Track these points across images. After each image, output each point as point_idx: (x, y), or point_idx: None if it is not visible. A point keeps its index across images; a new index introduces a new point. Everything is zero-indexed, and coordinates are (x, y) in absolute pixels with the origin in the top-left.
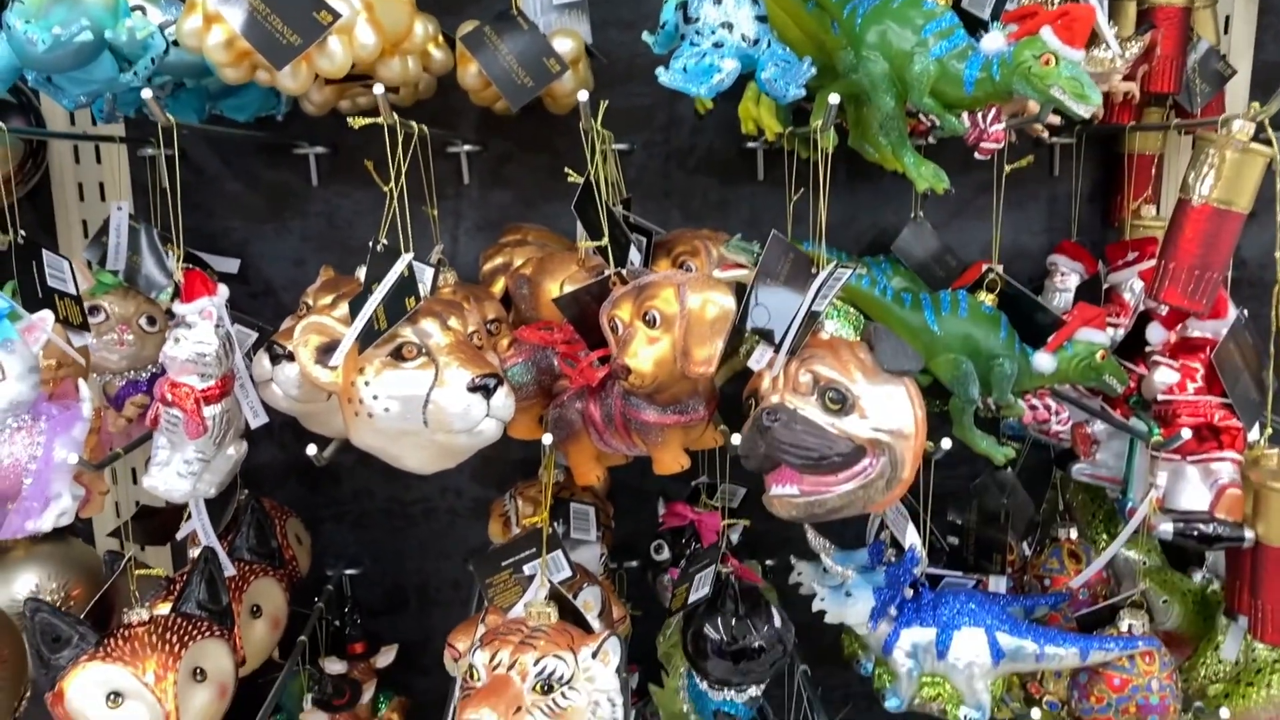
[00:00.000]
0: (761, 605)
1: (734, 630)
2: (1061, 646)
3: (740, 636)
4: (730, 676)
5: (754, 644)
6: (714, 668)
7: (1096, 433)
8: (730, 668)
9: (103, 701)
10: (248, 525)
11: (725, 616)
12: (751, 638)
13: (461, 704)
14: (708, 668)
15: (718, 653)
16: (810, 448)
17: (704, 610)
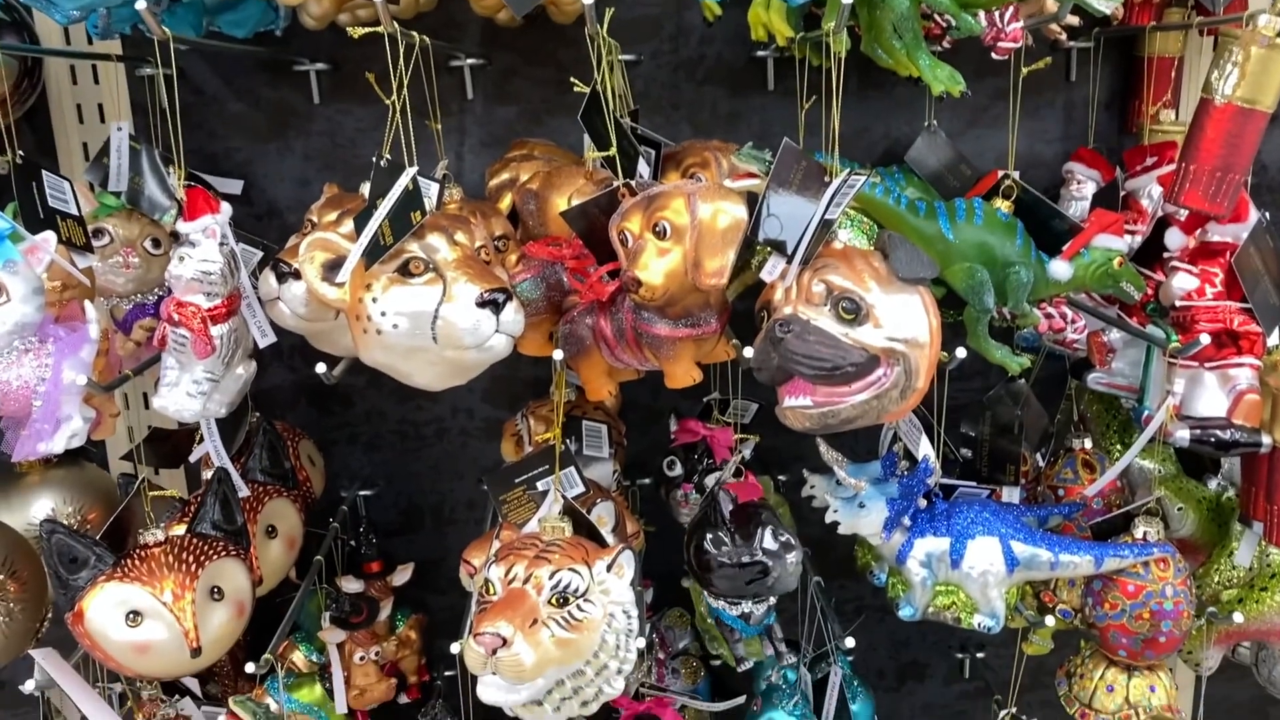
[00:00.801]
0: (755, 524)
1: (720, 546)
2: (1076, 554)
3: (722, 552)
4: (724, 592)
5: (738, 560)
6: (706, 582)
7: (1112, 341)
8: (724, 584)
9: (122, 620)
10: (260, 447)
11: (712, 532)
12: (735, 554)
13: (477, 618)
14: (703, 582)
15: (705, 568)
16: (823, 358)
17: (695, 525)
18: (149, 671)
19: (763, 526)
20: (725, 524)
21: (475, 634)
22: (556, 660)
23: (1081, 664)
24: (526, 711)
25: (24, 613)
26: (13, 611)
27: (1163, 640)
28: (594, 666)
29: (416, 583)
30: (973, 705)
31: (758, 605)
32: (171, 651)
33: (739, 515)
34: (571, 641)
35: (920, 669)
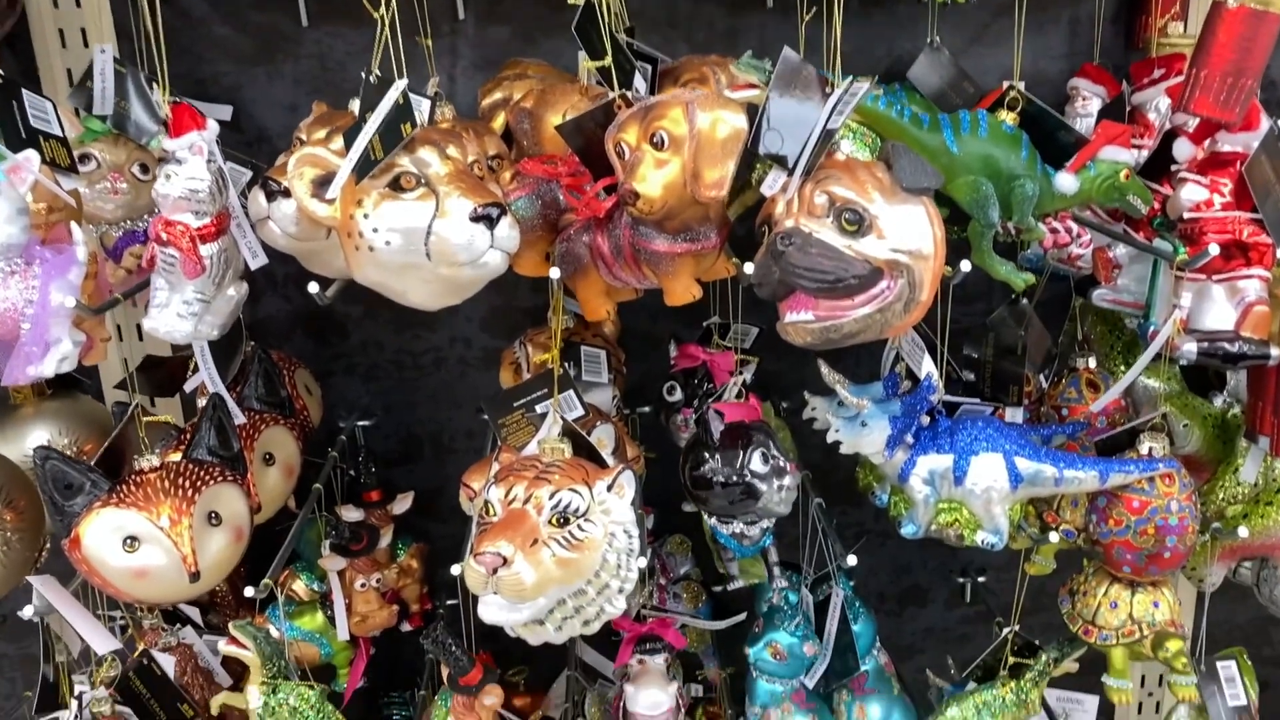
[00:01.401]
0: (743, 444)
1: (707, 466)
2: (1080, 470)
3: (710, 471)
4: (714, 511)
5: (725, 480)
6: (699, 500)
7: (1118, 257)
8: (714, 503)
9: (119, 546)
10: (255, 375)
11: (702, 453)
12: (723, 474)
13: (478, 538)
14: (696, 500)
15: (696, 487)
16: (826, 271)
17: (688, 445)
18: (148, 597)
19: (752, 448)
20: (714, 444)
21: (475, 554)
22: (557, 580)
23: (1084, 581)
24: (528, 631)
25: (22, 542)
26: (10, 541)
27: (1167, 556)
28: (595, 586)
29: (417, 512)
30: (974, 629)
31: (750, 526)
32: (170, 576)
33: (730, 436)
34: (572, 561)
35: (921, 593)
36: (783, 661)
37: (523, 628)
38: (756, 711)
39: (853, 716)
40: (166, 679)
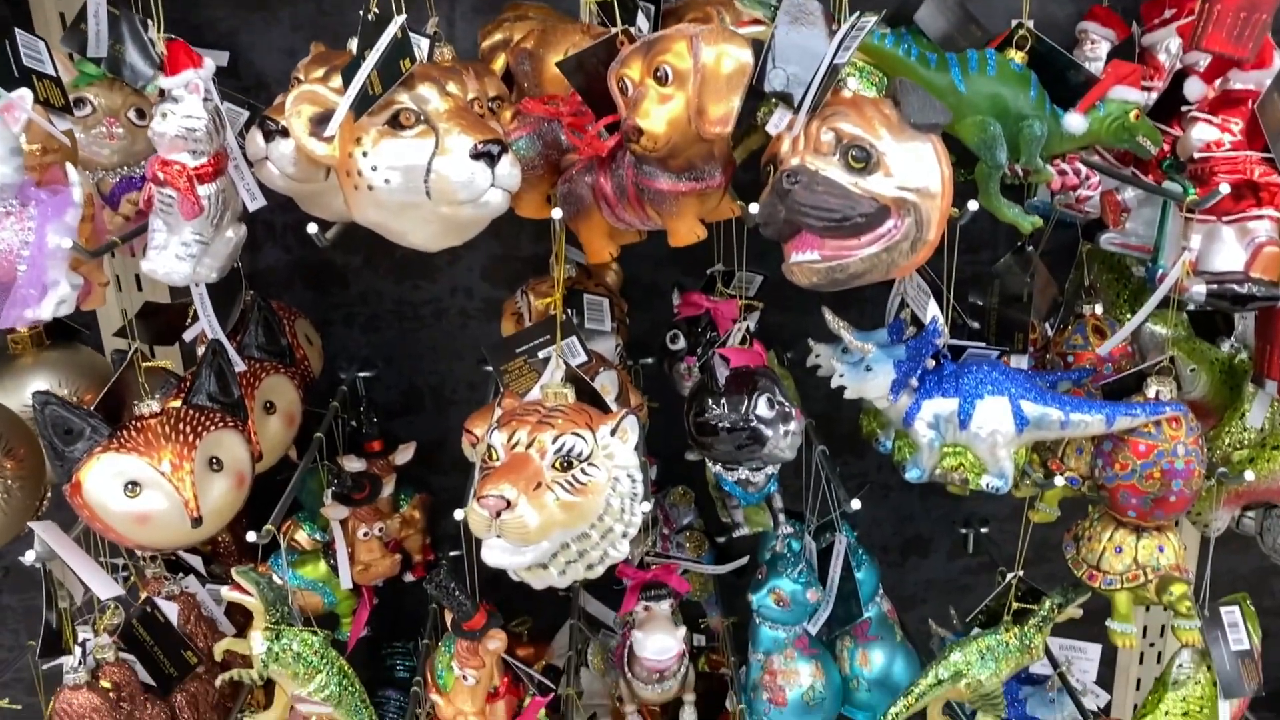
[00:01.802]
0: (748, 389)
1: (712, 412)
2: (1087, 413)
3: (715, 417)
4: (718, 457)
5: (730, 425)
6: (703, 447)
7: (1126, 200)
8: (718, 449)
9: (121, 491)
10: (255, 324)
11: (707, 398)
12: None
13: (481, 482)
14: (700, 446)
15: (701, 432)
16: (832, 209)
17: (693, 391)
18: (150, 542)
19: (758, 393)
20: (719, 390)
21: (479, 497)
22: (561, 523)
23: (1089, 527)
24: (531, 575)
25: (23, 490)
26: (11, 489)
27: (1173, 500)
28: (599, 530)
29: (418, 463)
30: (976, 580)
31: (755, 473)
32: (172, 522)
33: (735, 381)
34: (576, 505)
35: (924, 544)
36: (786, 608)
37: (526, 571)
38: (759, 658)
39: (855, 663)
40: (170, 626)
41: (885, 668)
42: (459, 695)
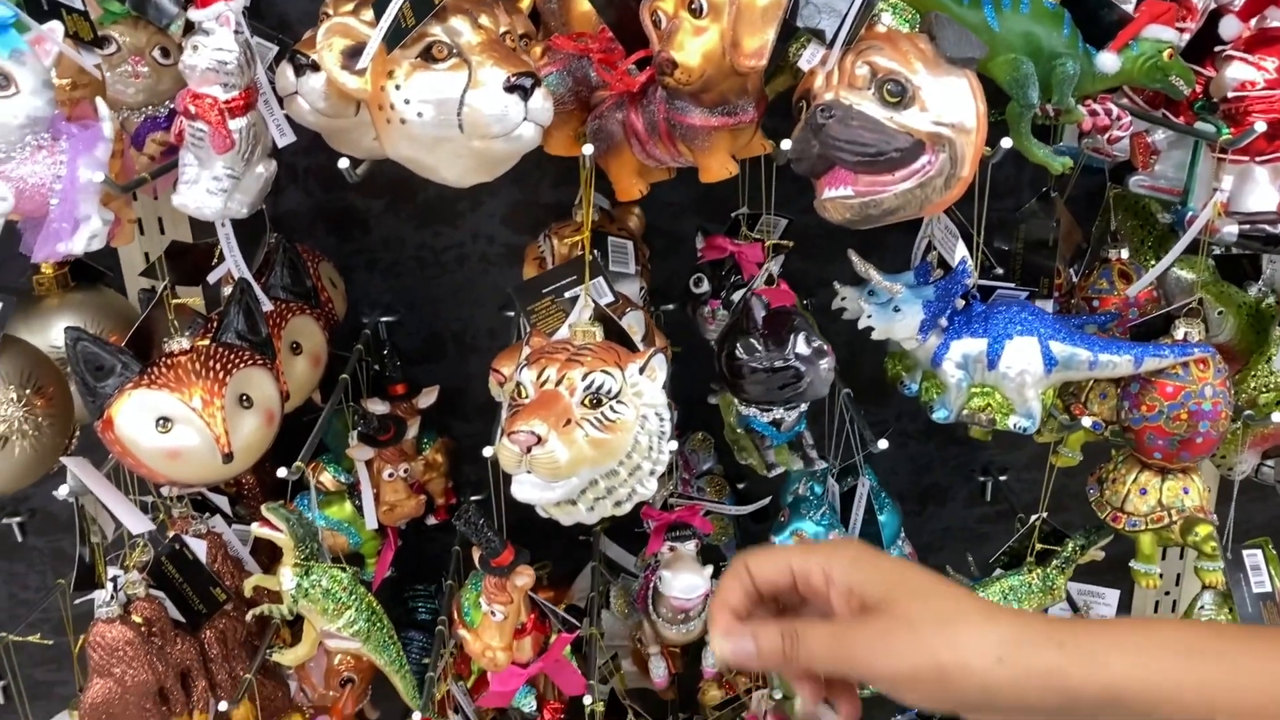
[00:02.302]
0: (787, 328)
1: (752, 352)
2: (1115, 354)
3: (755, 358)
4: (756, 398)
5: (771, 365)
6: (738, 389)
7: (1156, 142)
8: (757, 390)
9: (152, 427)
10: (280, 265)
11: (744, 339)
12: (768, 359)
13: (511, 418)
14: (735, 389)
15: (737, 374)
16: (867, 143)
17: (729, 331)
18: (182, 478)
19: (795, 332)
20: (758, 329)
21: (509, 432)
22: (590, 460)
23: (1113, 469)
24: (560, 511)
25: (52, 428)
26: (41, 426)
27: (1199, 441)
28: (627, 467)
29: (441, 409)
30: (994, 528)
31: (789, 412)
32: (203, 458)
33: (771, 321)
34: (605, 442)
35: (941, 492)
36: None
37: (554, 508)
38: None
39: None
40: (199, 563)
41: None
42: (487, 631)
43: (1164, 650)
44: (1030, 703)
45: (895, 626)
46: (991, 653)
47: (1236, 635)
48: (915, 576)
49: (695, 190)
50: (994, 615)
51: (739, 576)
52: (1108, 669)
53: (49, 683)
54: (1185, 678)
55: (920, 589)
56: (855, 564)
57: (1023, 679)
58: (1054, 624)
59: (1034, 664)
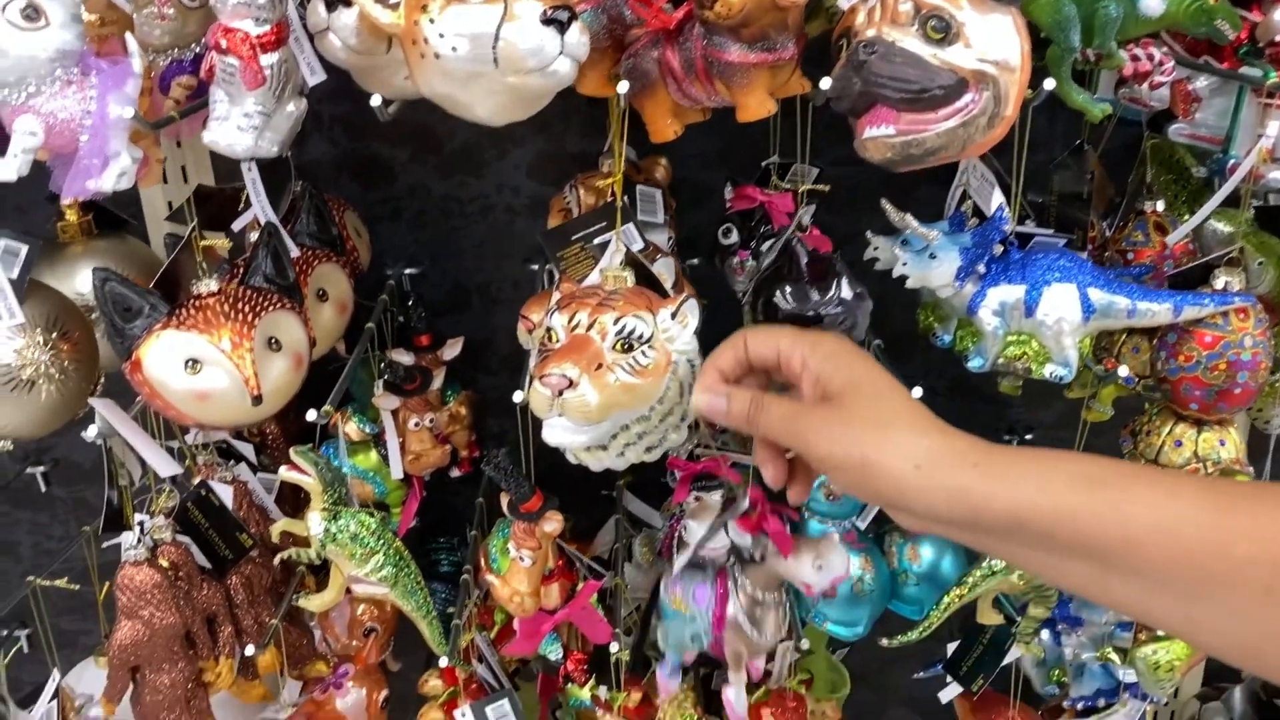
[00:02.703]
0: (830, 273)
1: (799, 298)
2: (1155, 303)
3: (801, 304)
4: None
5: (817, 311)
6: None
7: (1197, 89)
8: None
9: (181, 368)
10: (306, 212)
11: (788, 284)
12: (815, 306)
13: (542, 362)
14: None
15: (782, 320)
16: (910, 80)
17: (769, 277)
18: (211, 421)
19: (839, 276)
20: (802, 275)
21: (541, 376)
22: (622, 404)
23: (1148, 421)
24: (590, 456)
25: (78, 373)
26: (67, 371)
27: (1237, 392)
28: (658, 413)
29: (465, 362)
30: None
31: None
32: (232, 400)
33: (813, 266)
34: (636, 386)
35: None
36: (836, 502)
37: (585, 453)
38: None
39: (904, 558)
40: (225, 509)
41: (934, 563)
42: (515, 576)
43: (1068, 478)
44: (938, 513)
45: (839, 418)
46: (911, 460)
47: (1137, 471)
48: (875, 381)
49: (723, 141)
50: (925, 428)
51: (735, 346)
52: (1012, 493)
53: (73, 632)
54: (1082, 504)
55: (874, 392)
56: (829, 357)
57: (934, 490)
58: (975, 446)
59: (947, 479)
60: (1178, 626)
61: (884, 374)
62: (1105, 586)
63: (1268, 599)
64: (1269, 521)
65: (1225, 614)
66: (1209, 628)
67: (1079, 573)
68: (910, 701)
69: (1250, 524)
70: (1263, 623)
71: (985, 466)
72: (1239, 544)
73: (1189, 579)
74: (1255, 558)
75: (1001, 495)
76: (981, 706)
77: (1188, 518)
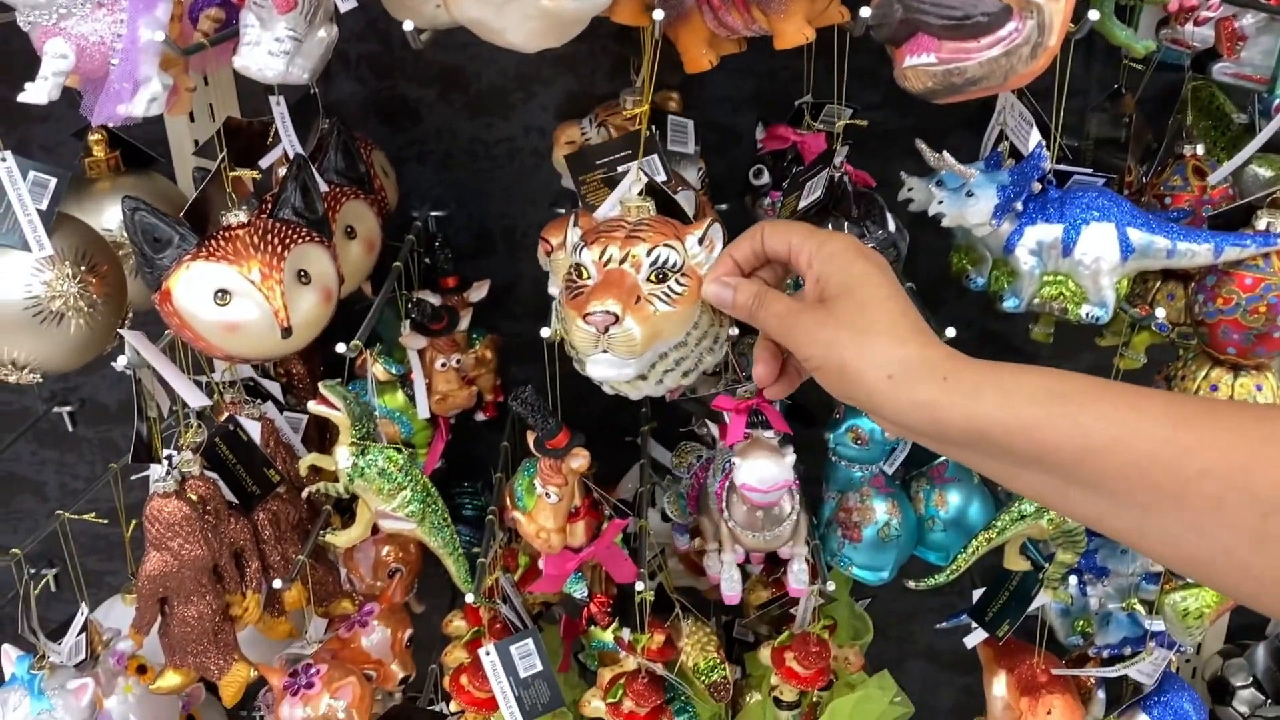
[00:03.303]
0: (876, 207)
1: (857, 230)
2: (1195, 243)
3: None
4: None
5: (876, 243)
6: None
7: (1244, 27)
8: None
9: (211, 299)
10: (334, 149)
11: (840, 219)
12: (871, 237)
13: (576, 301)
14: None
15: None
16: (953, 6)
17: (816, 214)
18: (240, 352)
19: (883, 209)
20: (853, 208)
21: (584, 315)
22: (663, 334)
23: (1183, 366)
24: (630, 386)
25: (106, 307)
26: (96, 304)
27: (1277, 335)
28: (694, 337)
29: (489, 307)
30: None
31: None
32: (262, 331)
33: (861, 199)
34: (674, 315)
35: None
36: (864, 446)
37: (625, 384)
38: (834, 496)
39: (932, 503)
40: (253, 444)
41: (961, 509)
42: (541, 513)
43: (1030, 391)
44: (906, 422)
45: (827, 321)
46: (884, 369)
47: (1104, 386)
48: (871, 285)
49: (753, 84)
50: (905, 340)
51: (753, 237)
52: (976, 407)
53: (100, 572)
54: (1041, 417)
55: (867, 299)
56: (832, 258)
57: (901, 400)
58: (949, 358)
59: (916, 391)
60: (1133, 539)
61: (883, 278)
62: (1064, 497)
63: (1219, 512)
64: (1225, 434)
65: (1179, 527)
66: (1163, 540)
67: (1039, 483)
68: (931, 654)
69: (1206, 437)
70: (1214, 537)
71: (954, 380)
72: (1193, 457)
73: (1143, 491)
74: (1209, 470)
75: (964, 407)
76: (1005, 653)
77: (1144, 431)
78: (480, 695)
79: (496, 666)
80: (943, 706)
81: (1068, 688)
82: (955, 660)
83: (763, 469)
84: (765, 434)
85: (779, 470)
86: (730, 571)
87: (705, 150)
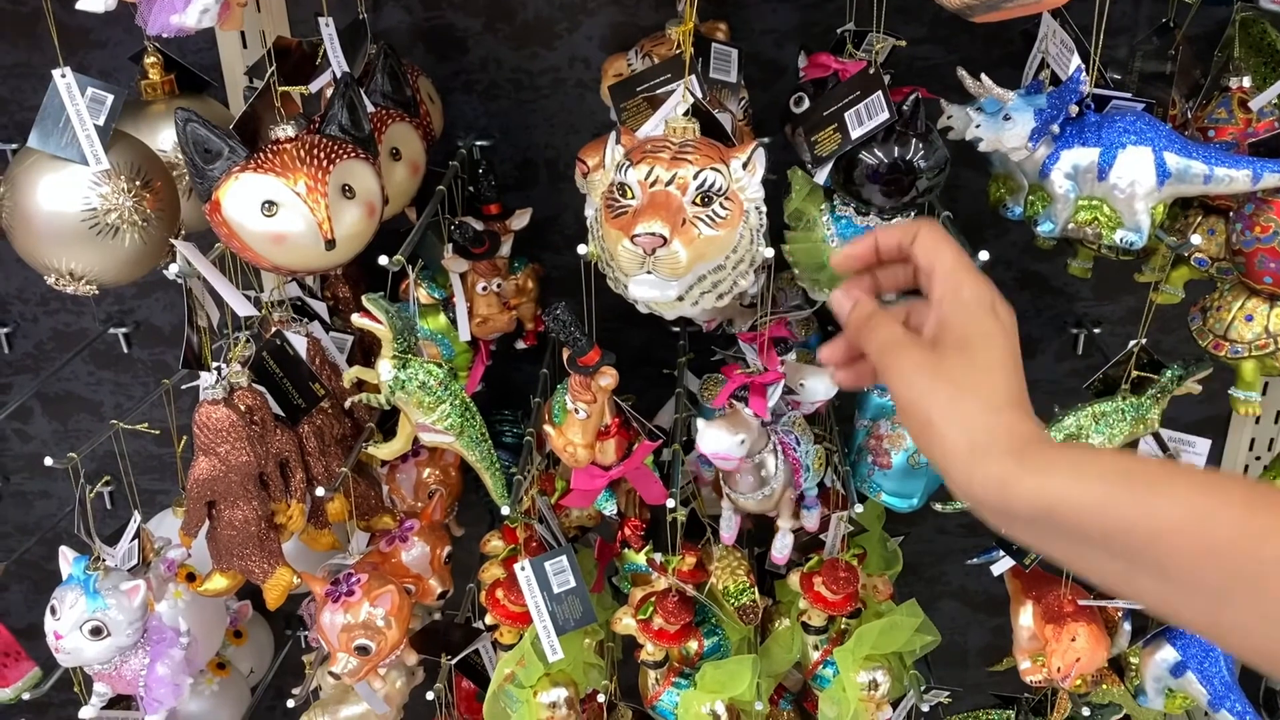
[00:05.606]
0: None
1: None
2: (1233, 168)
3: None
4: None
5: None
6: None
7: None
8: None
9: (258, 210)
10: (381, 72)
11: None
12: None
13: (621, 221)
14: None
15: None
16: None
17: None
18: (286, 264)
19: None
20: (920, 127)
21: (632, 236)
22: (706, 257)
23: (1219, 297)
24: (667, 306)
25: (160, 221)
26: (150, 218)
27: None
28: (731, 261)
29: (531, 238)
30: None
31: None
32: (307, 243)
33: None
34: (716, 239)
35: (1032, 344)
36: None
37: (663, 305)
38: (866, 424)
39: None
40: (299, 359)
41: None
42: (571, 428)
43: (1103, 470)
44: (974, 494)
45: (930, 368)
46: (966, 437)
47: (1177, 469)
48: (990, 350)
49: (796, 16)
50: (999, 409)
51: (905, 233)
52: (1046, 482)
53: (152, 490)
54: (1111, 496)
55: (979, 362)
56: (964, 307)
57: (975, 473)
58: (1031, 435)
59: (988, 467)
60: (1206, 629)
61: (1005, 342)
62: (1132, 583)
63: None
64: None
65: (1254, 617)
66: (1238, 631)
67: (1107, 567)
68: (964, 595)
69: None
70: None
71: (1030, 453)
72: (1270, 543)
73: (1216, 578)
74: None
75: (1033, 481)
76: (1033, 584)
77: (1217, 514)
78: (515, 609)
79: (531, 581)
80: (973, 646)
81: (1094, 618)
82: (987, 601)
83: (714, 439)
84: (745, 410)
85: (729, 444)
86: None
87: (749, 83)
